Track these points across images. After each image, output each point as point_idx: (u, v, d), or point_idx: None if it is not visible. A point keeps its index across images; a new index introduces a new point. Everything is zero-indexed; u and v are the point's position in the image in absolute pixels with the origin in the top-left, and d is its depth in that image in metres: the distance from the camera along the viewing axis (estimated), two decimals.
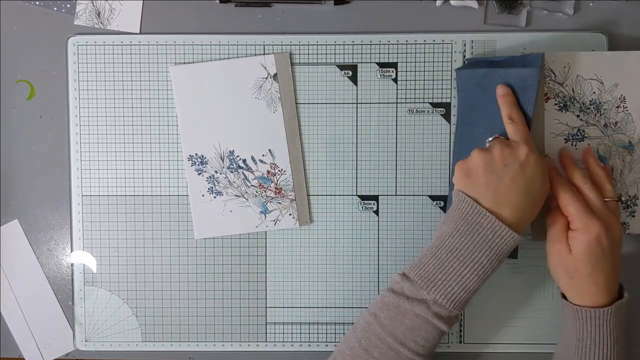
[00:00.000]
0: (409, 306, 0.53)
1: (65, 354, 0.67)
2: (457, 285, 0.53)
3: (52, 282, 0.67)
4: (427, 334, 0.53)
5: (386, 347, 0.53)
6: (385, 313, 0.54)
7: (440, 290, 0.53)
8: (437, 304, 0.53)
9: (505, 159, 0.53)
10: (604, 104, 0.62)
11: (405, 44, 0.65)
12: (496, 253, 0.53)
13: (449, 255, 0.53)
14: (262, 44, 0.65)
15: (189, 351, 0.67)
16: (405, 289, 0.54)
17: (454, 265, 0.53)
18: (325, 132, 0.65)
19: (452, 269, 0.53)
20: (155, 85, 0.65)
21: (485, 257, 0.53)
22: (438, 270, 0.53)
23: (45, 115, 0.66)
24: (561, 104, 0.62)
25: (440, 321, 0.53)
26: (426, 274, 0.54)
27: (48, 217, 0.67)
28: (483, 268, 0.53)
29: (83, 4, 0.65)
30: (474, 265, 0.53)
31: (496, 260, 0.53)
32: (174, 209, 0.66)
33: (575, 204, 0.54)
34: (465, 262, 0.53)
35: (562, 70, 0.62)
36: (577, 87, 0.61)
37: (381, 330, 0.54)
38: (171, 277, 0.66)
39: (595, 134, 0.62)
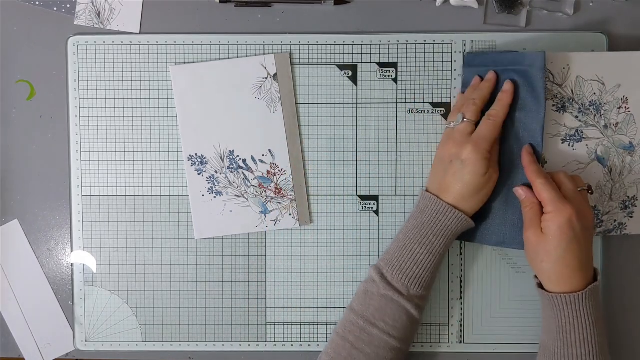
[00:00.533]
0: (374, 288, 0.59)
1: (65, 354, 0.67)
2: (410, 261, 0.58)
3: (52, 282, 0.67)
4: (393, 312, 0.58)
5: (359, 329, 0.58)
6: (357, 300, 0.60)
7: (396, 267, 0.59)
8: (397, 280, 0.58)
9: (451, 155, 0.59)
10: (604, 105, 0.62)
11: (405, 44, 0.65)
12: (441, 229, 0.58)
13: (404, 237, 0.60)
14: (262, 44, 0.65)
15: (189, 351, 0.67)
16: (373, 274, 0.60)
17: (407, 244, 0.59)
18: (325, 132, 0.65)
19: (405, 247, 0.59)
20: (155, 85, 0.65)
21: (432, 232, 0.58)
22: (396, 251, 0.60)
23: (45, 115, 0.66)
24: (559, 105, 0.62)
25: (403, 298, 0.58)
26: (387, 256, 0.60)
27: (48, 217, 0.67)
28: (431, 243, 0.58)
29: (83, 4, 0.65)
30: (422, 240, 0.59)
31: (442, 236, 0.58)
32: (174, 209, 0.66)
33: (548, 189, 0.55)
34: (416, 240, 0.59)
35: (560, 72, 0.61)
36: (576, 89, 0.61)
37: (354, 316, 0.59)
38: (171, 277, 0.66)
39: (594, 135, 0.62)
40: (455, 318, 0.66)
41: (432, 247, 0.58)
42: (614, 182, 0.63)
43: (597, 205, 0.63)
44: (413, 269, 0.58)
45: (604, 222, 0.63)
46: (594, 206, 0.63)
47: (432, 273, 0.59)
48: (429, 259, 0.58)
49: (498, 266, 0.66)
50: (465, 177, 0.57)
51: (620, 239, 0.65)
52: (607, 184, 0.63)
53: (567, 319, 0.55)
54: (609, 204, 0.63)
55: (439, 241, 0.58)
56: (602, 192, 0.63)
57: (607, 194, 0.63)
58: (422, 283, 0.58)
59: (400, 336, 0.58)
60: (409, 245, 0.59)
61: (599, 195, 0.63)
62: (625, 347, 0.66)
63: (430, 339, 0.66)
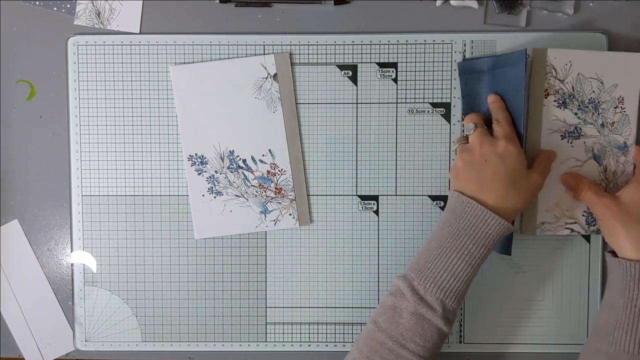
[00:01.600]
0: (404, 304, 0.54)
1: (65, 354, 0.67)
2: (446, 273, 0.54)
3: (52, 282, 0.67)
4: (425, 331, 0.53)
5: (386, 350, 0.53)
6: (383, 317, 0.55)
7: (430, 280, 0.54)
8: (430, 294, 0.54)
9: (484, 154, 0.57)
10: (602, 104, 0.62)
11: (405, 44, 0.65)
12: (482, 237, 0.54)
13: (438, 245, 0.55)
14: (262, 44, 0.65)
15: (189, 351, 0.67)
16: (402, 287, 0.55)
17: (442, 253, 0.55)
18: (325, 132, 0.65)
19: (440, 257, 0.55)
20: (155, 85, 0.65)
21: (472, 242, 0.54)
22: (428, 260, 0.55)
23: (45, 115, 0.66)
24: (560, 101, 0.62)
25: (436, 316, 0.53)
26: (418, 266, 0.55)
27: (48, 217, 0.67)
28: (470, 253, 0.54)
29: (83, 4, 0.65)
30: (460, 250, 0.54)
31: (483, 245, 0.54)
32: (174, 209, 0.66)
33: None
34: (453, 249, 0.54)
35: (563, 67, 0.62)
36: (577, 85, 0.62)
37: (380, 334, 0.54)
38: (171, 277, 0.66)
39: (591, 133, 0.62)
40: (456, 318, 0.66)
41: (471, 257, 0.54)
42: (609, 182, 0.63)
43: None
44: (450, 281, 0.54)
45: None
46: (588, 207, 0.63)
47: (468, 286, 0.55)
48: (467, 270, 0.54)
49: (498, 266, 0.66)
50: (506, 172, 0.55)
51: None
52: (601, 183, 0.63)
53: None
54: None
55: (479, 251, 0.54)
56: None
57: None
58: (457, 296, 0.54)
59: (429, 355, 0.54)
60: (445, 254, 0.54)
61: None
62: None
63: None
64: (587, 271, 0.65)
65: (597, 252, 0.65)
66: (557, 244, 0.65)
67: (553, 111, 0.62)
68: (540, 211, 0.63)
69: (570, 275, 0.65)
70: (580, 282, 0.65)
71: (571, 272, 0.65)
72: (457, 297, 0.54)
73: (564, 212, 0.63)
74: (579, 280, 0.65)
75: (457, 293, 0.54)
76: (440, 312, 0.53)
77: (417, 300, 0.54)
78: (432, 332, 0.54)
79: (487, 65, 0.62)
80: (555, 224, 0.63)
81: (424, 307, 0.53)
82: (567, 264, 0.65)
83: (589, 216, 0.63)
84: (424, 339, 0.53)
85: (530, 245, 0.65)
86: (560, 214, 0.63)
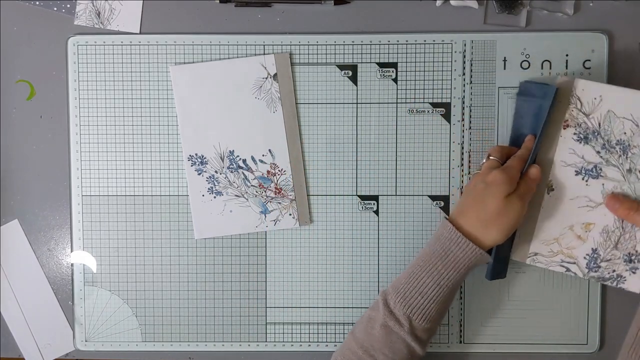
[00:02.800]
0: (377, 316, 0.56)
1: (65, 354, 0.67)
2: (415, 292, 0.55)
3: (52, 282, 0.67)
4: (393, 344, 0.55)
5: (357, 359, 0.56)
6: (360, 327, 0.58)
7: (400, 296, 0.56)
8: (399, 310, 0.55)
9: (476, 182, 0.57)
10: (633, 148, 0.58)
11: (405, 44, 0.65)
12: (452, 261, 0.55)
13: (416, 264, 0.57)
14: (262, 44, 0.65)
15: (189, 351, 0.67)
16: (379, 300, 0.57)
17: (416, 272, 0.56)
18: (325, 132, 0.65)
19: (414, 276, 0.56)
20: (155, 85, 0.65)
21: (442, 264, 0.55)
22: (404, 277, 0.57)
23: (45, 115, 0.66)
24: (582, 135, 0.58)
25: (403, 331, 0.55)
26: (396, 282, 0.57)
27: (48, 217, 0.67)
28: (440, 275, 0.55)
29: (83, 4, 0.65)
30: (431, 271, 0.56)
31: (452, 268, 0.55)
32: (174, 209, 0.66)
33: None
34: (425, 269, 0.56)
35: (591, 101, 0.58)
36: (605, 122, 0.58)
37: (354, 344, 0.57)
38: (171, 277, 0.66)
39: (613, 176, 0.58)
40: (455, 318, 0.66)
41: (441, 278, 0.55)
42: (624, 232, 0.59)
43: (598, 248, 0.60)
44: (418, 299, 0.55)
45: (601, 268, 0.60)
46: (595, 249, 0.60)
47: (440, 306, 0.56)
48: (436, 291, 0.55)
49: None
50: (486, 198, 0.55)
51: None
52: (615, 231, 0.59)
53: None
54: (611, 251, 0.60)
55: (449, 273, 0.55)
56: (608, 237, 0.59)
57: (612, 241, 0.60)
58: (426, 316, 0.55)
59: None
60: (418, 274, 0.56)
61: (603, 239, 0.60)
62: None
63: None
64: None
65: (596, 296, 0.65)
66: None
67: (570, 144, 0.59)
68: (535, 241, 0.61)
69: (570, 275, 0.65)
70: (580, 282, 0.65)
71: None
72: (425, 315, 0.55)
73: (563, 249, 0.60)
74: (579, 281, 0.65)
75: (425, 311, 0.55)
76: (407, 327, 0.55)
77: (387, 313, 0.56)
78: (400, 345, 0.55)
79: (531, 91, 0.61)
80: (550, 259, 0.61)
81: (392, 321, 0.55)
82: None
83: (592, 261, 0.60)
84: (393, 352, 0.55)
85: None
86: (558, 250, 0.61)
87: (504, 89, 0.65)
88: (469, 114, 0.65)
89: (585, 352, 0.66)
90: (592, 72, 0.64)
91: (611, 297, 0.66)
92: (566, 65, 0.64)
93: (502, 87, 0.65)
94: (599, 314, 0.65)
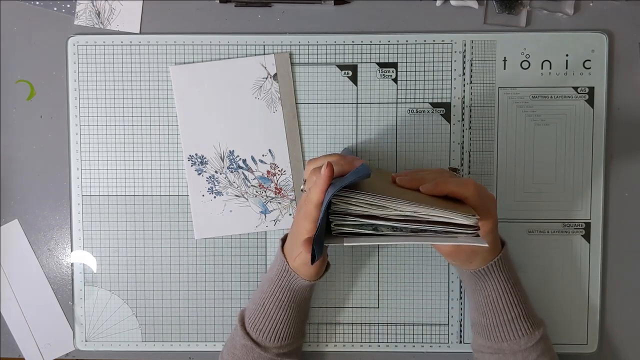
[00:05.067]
0: (237, 336, 0.59)
1: (65, 354, 0.67)
2: (264, 317, 0.58)
3: (52, 282, 0.67)
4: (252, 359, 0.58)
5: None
6: (225, 348, 0.61)
7: (252, 318, 0.59)
8: (252, 331, 0.58)
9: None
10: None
11: (405, 44, 0.65)
12: (273, 274, 0.58)
13: (260, 290, 0.60)
14: (262, 44, 0.65)
15: (189, 351, 0.67)
16: (238, 322, 0.60)
17: (262, 298, 0.59)
18: (325, 132, 0.65)
19: (260, 302, 0.59)
20: (155, 85, 0.65)
21: (279, 289, 0.58)
22: (254, 304, 0.60)
23: (45, 115, 0.66)
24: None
25: (261, 349, 0.58)
26: (250, 304, 0.61)
27: (48, 217, 0.67)
28: (279, 300, 0.58)
29: (83, 4, 0.65)
30: (272, 297, 0.58)
31: (268, 281, 0.59)
32: (174, 209, 0.66)
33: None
34: (268, 295, 0.59)
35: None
36: None
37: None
38: (171, 277, 0.66)
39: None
40: (455, 318, 0.66)
41: (281, 302, 0.58)
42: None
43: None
44: (264, 322, 0.58)
45: None
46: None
47: (291, 325, 0.59)
48: (281, 314, 0.58)
49: None
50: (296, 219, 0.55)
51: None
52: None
53: (491, 285, 0.56)
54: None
55: (285, 296, 0.58)
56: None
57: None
58: (279, 337, 0.58)
59: None
60: (260, 296, 0.59)
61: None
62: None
63: (430, 339, 0.66)
64: (587, 271, 0.65)
65: (597, 252, 0.65)
66: (557, 243, 0.65)
67: None
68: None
69: (570, 275, 0.65)
70: (580, 282, 0.65)
71: (571, 272, 0.65)
72: (278, 337, 0.58)
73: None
74: (579, 280, 0.65)
75: (277, 334, 0.58)
76: (262, 346, 0.58)
77: (244, 334, 0.59)
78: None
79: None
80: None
81: (249, 341, 0.58)
82: (567, 264, 0.65)
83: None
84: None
85: (530, 245, 0.65)
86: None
87: (504, 89, 0.65)
88: (469, 114, 0.65)
89: (585, 352, 0.66)
90: (592, 72, 0.64)
91: (611, 297, 0.66)
92: (566, 65, 0.64)
93: (502, 87, 0.65)
94: (599, 314, 0.65)
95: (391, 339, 0.66)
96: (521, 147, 0.65)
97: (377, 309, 0.66)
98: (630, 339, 0.66)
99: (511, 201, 0.65)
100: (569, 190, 0.65)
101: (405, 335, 0.66)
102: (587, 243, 0.65)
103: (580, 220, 0.65)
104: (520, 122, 0.65)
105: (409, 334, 0.66)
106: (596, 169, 0.65)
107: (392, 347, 0.66)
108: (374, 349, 0.66)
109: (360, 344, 0.66)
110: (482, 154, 0.65)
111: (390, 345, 0.66)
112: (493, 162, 0.65)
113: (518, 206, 0.65)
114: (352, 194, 0.49)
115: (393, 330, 0.66)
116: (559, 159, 0.65)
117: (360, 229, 0.50)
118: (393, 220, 0.48)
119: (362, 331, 0.66)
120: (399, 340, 0.66)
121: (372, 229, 0.50)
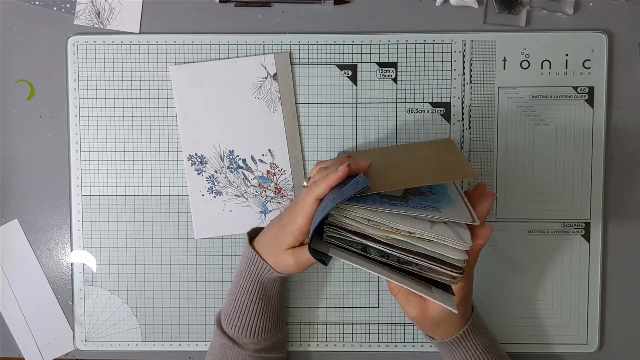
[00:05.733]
0: (216, 336, 0.60)
1: (65, 354, 0.67)
2: (238, 312, 0.59)
3: (52, 282, 0.67)
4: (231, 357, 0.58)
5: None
6: (209, 347, 0.61)
7: (227, 316, 0.59)
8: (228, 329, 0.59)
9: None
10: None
11: (405, 44, 0.65)
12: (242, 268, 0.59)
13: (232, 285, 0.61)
14: (262, 44, 0.65)
15: (189, 351, 0.67)
16: (216, 323, 0.61)
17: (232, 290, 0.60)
18: (325, 132, 0.65)
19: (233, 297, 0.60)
20: (155, 85, 0.65)
21: (248, 281, 0.58)
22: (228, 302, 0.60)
23: (45, 115, 0.66)
24: None
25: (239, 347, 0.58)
26: (225, 303, 0.61)
27: (48, 217, 0.67)
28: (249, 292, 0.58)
29: (83, 4, 0.65)
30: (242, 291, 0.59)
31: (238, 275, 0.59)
32: (174, 209, 0.66)
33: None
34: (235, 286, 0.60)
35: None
36: None
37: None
38: (171, 277, 0.66)
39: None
40: None
41: (249, 293, 0.58)
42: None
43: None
44: (239, 317, 0.58)
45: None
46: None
47: (261, 319, 0.59)
48: (253, 308, 0.58)
49: (498, 266, 0.66)
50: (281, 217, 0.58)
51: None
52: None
53: (468, 351, 0.58)
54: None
55: (254, 287, 0.58)
56: None
57: None
58: (252, 332, 0.58)
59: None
60: (232, 292, 0.60)
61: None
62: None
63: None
64: (587, 271, 0.65)
65: (597, 252, 0.65)
66: (557, 244, 0.65)
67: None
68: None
69: (570, 275, 0.65)
70: (580, 282, 0.65)
71: (571, 272, 0.65)
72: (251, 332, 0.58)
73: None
74: (579, 280, 0.65)
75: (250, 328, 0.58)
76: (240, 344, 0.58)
77: (221, 333, 0.59)
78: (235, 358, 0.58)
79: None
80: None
81: (226, 339, 0.58)
82: (567, 264, 0.65)
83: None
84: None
85: (530, 245, 0.65)
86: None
87: (504, 89, 0.65)
88: (469, 114, 0.65)
89: (585, 352, 0.66)
90: (592, 72, 0.64)
91: (611, 297, 0.66)
92: (566, 65, 0.64)
93: (502, 87, 0.65)
94: (599, 314, 0.65)
95: (391, 339, 0.66)
96: (521, 147, 0.65)
97: (377, 309, 0.66)
98: (630, 339, 0.66)
99: (511, 201, 0.65)
100: (569, 190, 0.65)
101: (405, 335, 0.66)
102: (587, 243, 0.65)
103: (580, 220, 0.65)
104: (520, 122, 0.65)
105: (409, 334, 0.66)
106: (596, 169, 0.65)
107: (392, 347, 0.66)
108: (374, 349, 0.66)
109: (360, 344, 0.66)
110: (482, 154, 0.65)
111: (390, 345, 0.66)
112: (493, 162, 0.65)
113: (518, 206, 0.65)
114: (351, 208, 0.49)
115: (393, 330, 0.66)
116: (559, 159, 0.65)
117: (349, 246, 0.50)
118: (383, 244, 0.48)
119: (362, 331, 0.66)
120: (399, 340, 0.66)
121: (361, 249, 0.50)
